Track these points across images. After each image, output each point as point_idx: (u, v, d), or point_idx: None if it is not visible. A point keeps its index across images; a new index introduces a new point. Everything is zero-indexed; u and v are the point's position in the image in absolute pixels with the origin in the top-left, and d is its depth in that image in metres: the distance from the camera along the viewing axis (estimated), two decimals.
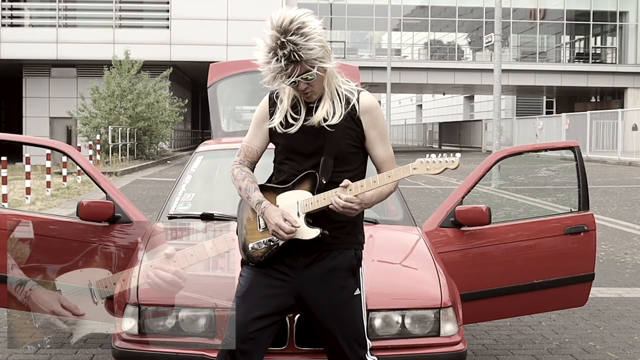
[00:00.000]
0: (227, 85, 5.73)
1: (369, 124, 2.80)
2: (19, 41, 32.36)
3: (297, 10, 2.62)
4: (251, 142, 2.93)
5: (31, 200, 13.84)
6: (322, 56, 2.63)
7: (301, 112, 2.78)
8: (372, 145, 2.83)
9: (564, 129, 33.00)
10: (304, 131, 2.77)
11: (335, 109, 2.76)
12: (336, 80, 2.78)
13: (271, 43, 2.61)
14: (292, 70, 2.62)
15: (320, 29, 2.63)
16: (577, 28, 44.75)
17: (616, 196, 15.28)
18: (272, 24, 2.60)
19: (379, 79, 38.86)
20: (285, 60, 2.59)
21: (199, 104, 47.54)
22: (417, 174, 2.70)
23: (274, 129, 2.82)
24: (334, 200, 2.66)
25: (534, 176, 19.44)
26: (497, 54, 20.22)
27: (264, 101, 2.91)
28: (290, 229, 2.67)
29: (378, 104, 2.88)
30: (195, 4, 32.86)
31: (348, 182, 2.67)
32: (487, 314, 4.27)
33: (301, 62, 2.60)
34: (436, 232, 4.08)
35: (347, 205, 2.65)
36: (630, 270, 7.63)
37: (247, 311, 2.73)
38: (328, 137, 2.74)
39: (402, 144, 62.31)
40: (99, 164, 23.01)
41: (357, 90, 2.83)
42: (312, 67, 2.63)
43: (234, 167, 2.93)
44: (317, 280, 2.77)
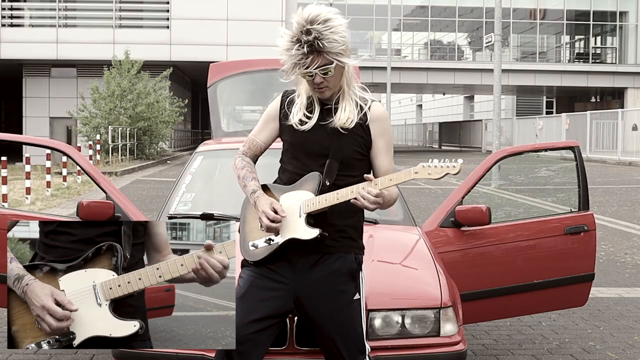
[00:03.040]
0: (227, 85, 5.73)
1: (377, 133, 2.81)
2: (19, 41, 32.37)
3: (325, 7, 2.68)
4: (257, 135, 2.95)
5: (31, 200, 13.84)
6: (343, 52, 2.68)
7: (315, 110, 2.79)
8: (376, 154, 2.83)
9: (564, 129, 33.00)
10: (315, 131, 2.77)
11: (352, 112, 2.77)
12: (354, 84, 2.81)
13: (296, 30, 2.65)
14: (312, 61, 2.65)
15: (345, 26, 2.69)
16: (577, 28, 44.74)
17: (616, 196, 15.28)
18: (299, 17, 2.64)
19: (379, 79, 38.85)
20: (307, 47, 2.62)
21: (199, 104, 47.54)
22: (418, 178, 2.70)
23: (292, 126, 2.81)
24: (362, 192, 2.62)
25: (534, 176, 19.44)
26: (497, 54, 20.23)
27: (278, 99, 2.92)
28: (274, 216, 2.66)
29: (388, 115, 2.90)
30: (195, 4, 32.86)
31: (371, 177, 2.66)
32: (487, 314, 4.27)
33: (322, 53, 2.63)
34: (436, 232, 4.08)
35: (376, 201, 2.63)
36: (630, 270, 7.63)
37: (245, 313, 2.72)
38: (337, 140, 2.75)
39: (402, 144, 62.30)
40: (99, 164, 23.00)
41: (371, 99, 2.85)
42: (331, 61, 2.66)
43: (237, 156, 2.96)
44: (316, 284, 2.76)
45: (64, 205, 13.71)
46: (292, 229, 2.71)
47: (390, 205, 2.82)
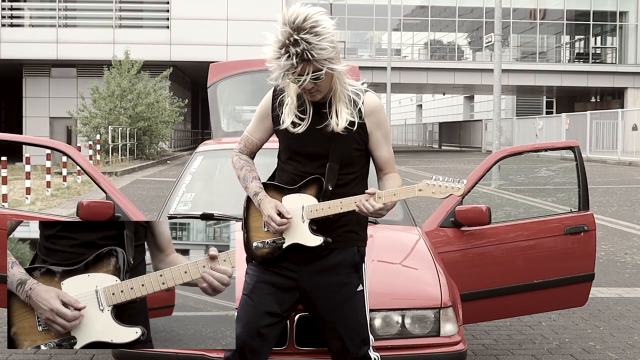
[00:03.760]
0: (227, 85, 5.73)
1: (373, 125, 2.80)
2: (19, 41, 32.37)
3: (310, 8, 2.59)
4: (252, 133, 2.94)
5: (31, 200, 13.84)
6: (332, 57, 2.61)
7: (308, 111, 2.77)
8: (375, 146, 2.83)
9: (564, 129, 32.99)
10: (310, 133, 2.75)
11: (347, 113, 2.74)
12: (344, 80, 2.76)
13: (283, 39, 2.56)
14: (302, 69, 2.59)
15: (332, 28, 2.61)
16: (577, 28, 44.75)
17: (616, 196, 15.28)
18: (284, 20, 2.56)
19: (379, 79, 38.84)
20: (297, 59, 2.55)
21: (199, 104, 47.54)
22: (422, 196, 2.71)
23: (281, 122, 2.78)
24: (367, 205, 2.65)
25: (534, 176, 19.43)
26: (497, 54, 20.23)
27: (268, 96, 2.90)
28: (281, 221, 2.68)
29: (382, 104, 2.88)
30: (195, 4, 32.86)
31: (374, 190, 2.68)
32: (487, 314, 4.27)
33: (312, 61, 2.57)
34: (436, 232, 4.08)
35: (379, 214, 2.68)
36: (630, 270, 7.63)
37: (256, 308, 2.74)
38: (334, 142, 2.74)
39: (402, 144, 62.29)
40: (99, 164, 23.00)
41: (363, 90, 2.81)
42: (322, 68, 2.60)
43: (234, 154, 2.97)
44: (320, 276, 2.78)
45: (64, 205, 13.71)
46: (296, 234, 2.74)
47: (391, 208, 2.84)
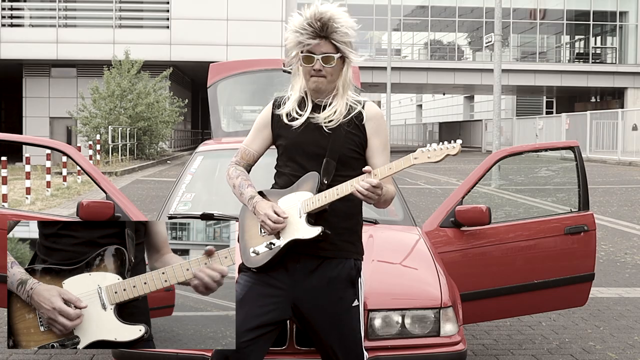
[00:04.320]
0: (227, 85, 5.73)
1: (373, 131, 2.80)
2: (19, 41, 32.37)
3: (337, 7, 2.78)
4: (250, 145, 2.93)
5: (31, 200, 13.84)
6: (349, 43, 2.75)
7: (307, 107, 2.79)
8: (372, 153, 2.82)
9: (564, 129, 33.01)
10: (307, 130, 2.76)
11: (341, 112, 2.76)
12: (349, 87, 2.82)
13: (309, 16, 2.71)
14: (318, 47, 2.70)
15: (353, 24, 2.78)
16: (577, 28, 44.76)
17: (616, 196, 15.28)
18: (312, 11, 2.71)
19: (379, 79, 38.85)
20: (316, 31, 2.69)
21: (199, 104, 47.54)
22: (418, 163, 2.69)
23: (280, 116, 2.81)
24: (362, 183, 2.60)
25: (534, 176, 19.44)
26: (497, 54, 20.24)
27: (268, 107, 2.90)
28: (277, 218, 2.65)
29: (383, 114, 2.90)
30: (195, 4, 32.86)
31: (370, 169, 2.65)
32: (487, 314, 4.27)
33: (329, 40, 2.71)
34: (436, 232, 4.08)
35: (375, 191, 2.60)
36: (630, 270, 7.63)
37: (243, 321, 2.68)
38: (331, 139, 2.74)
39: (402, 144, 62.29)
40: (99, 164, 23.00)
41: (363, 101, 2.85)
42: (336, 50, 2.71)
43: (230, 166, 2.94)
44: (315, 290, 2.74)
45: (64, 205, 13.71)
46: (293, 230, 2.69)
47: (389, 202, 2.80)
